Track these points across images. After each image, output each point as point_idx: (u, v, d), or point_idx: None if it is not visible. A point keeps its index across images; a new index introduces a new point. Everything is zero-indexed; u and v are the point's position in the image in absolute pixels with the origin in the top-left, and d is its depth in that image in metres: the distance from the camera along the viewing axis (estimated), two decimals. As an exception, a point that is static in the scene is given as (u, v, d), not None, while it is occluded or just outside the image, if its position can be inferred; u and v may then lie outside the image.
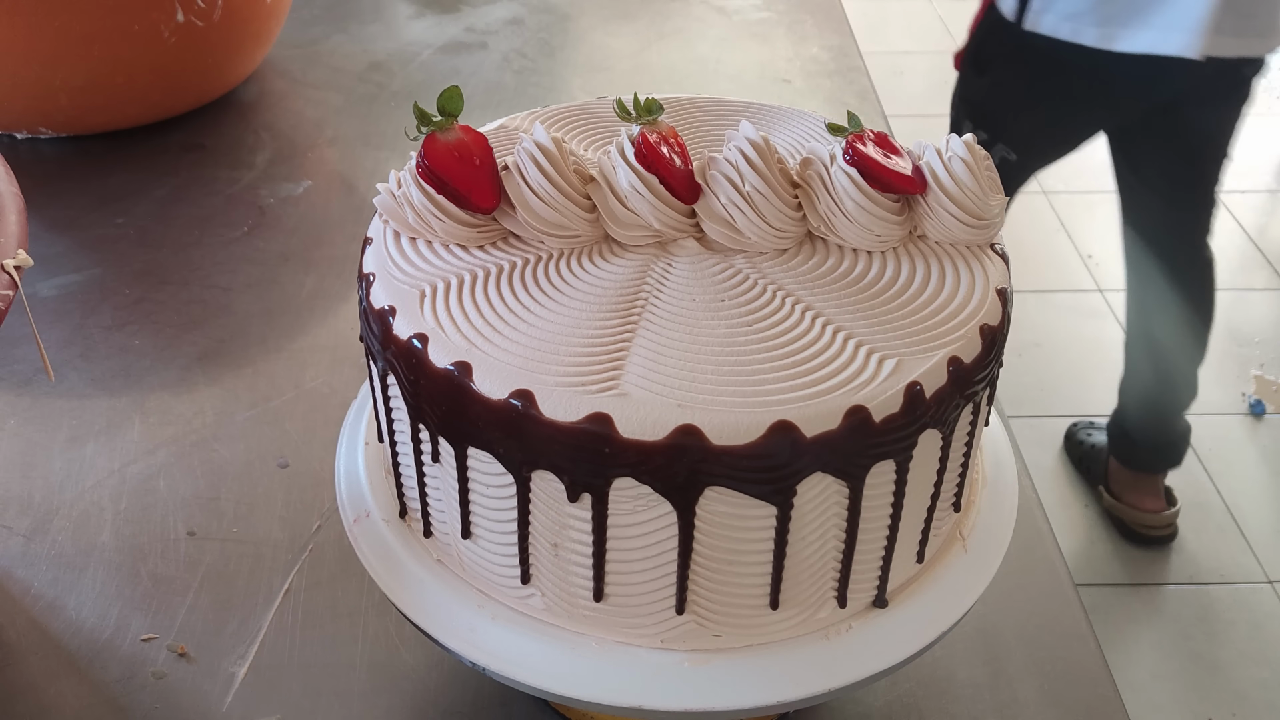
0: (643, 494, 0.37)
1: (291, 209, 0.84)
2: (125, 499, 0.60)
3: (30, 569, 0.56)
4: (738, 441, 0.36)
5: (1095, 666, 0.53)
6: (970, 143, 0.43)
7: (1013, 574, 0.56)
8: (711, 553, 0.39)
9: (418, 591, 0.43)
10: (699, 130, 0.51)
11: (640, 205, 0.42)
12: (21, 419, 0.65)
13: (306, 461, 0.62)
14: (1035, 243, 2.13)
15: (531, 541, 0.40)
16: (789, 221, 0.42)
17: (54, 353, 0.70)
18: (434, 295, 0.40)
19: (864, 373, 0.37)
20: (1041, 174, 1.43)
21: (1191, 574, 1.51)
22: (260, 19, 0.94)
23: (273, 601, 0.55)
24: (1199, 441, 1.70)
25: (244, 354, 0.70)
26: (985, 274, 0.42)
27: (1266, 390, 1.80)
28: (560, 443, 0.37)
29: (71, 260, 0.78)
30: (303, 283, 0.76)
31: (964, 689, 0.52)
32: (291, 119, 0.96)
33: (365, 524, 0.46)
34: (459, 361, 0.38)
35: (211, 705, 0.50)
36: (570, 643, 0.41)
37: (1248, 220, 2.20)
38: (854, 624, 0.42)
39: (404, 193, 0.43)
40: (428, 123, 0.42)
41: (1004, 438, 0.50)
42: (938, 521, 0.43)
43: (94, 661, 0.52)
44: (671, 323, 0.39)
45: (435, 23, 1.12)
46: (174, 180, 0.87)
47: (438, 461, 0.41)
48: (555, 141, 0.42)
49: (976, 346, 0.39)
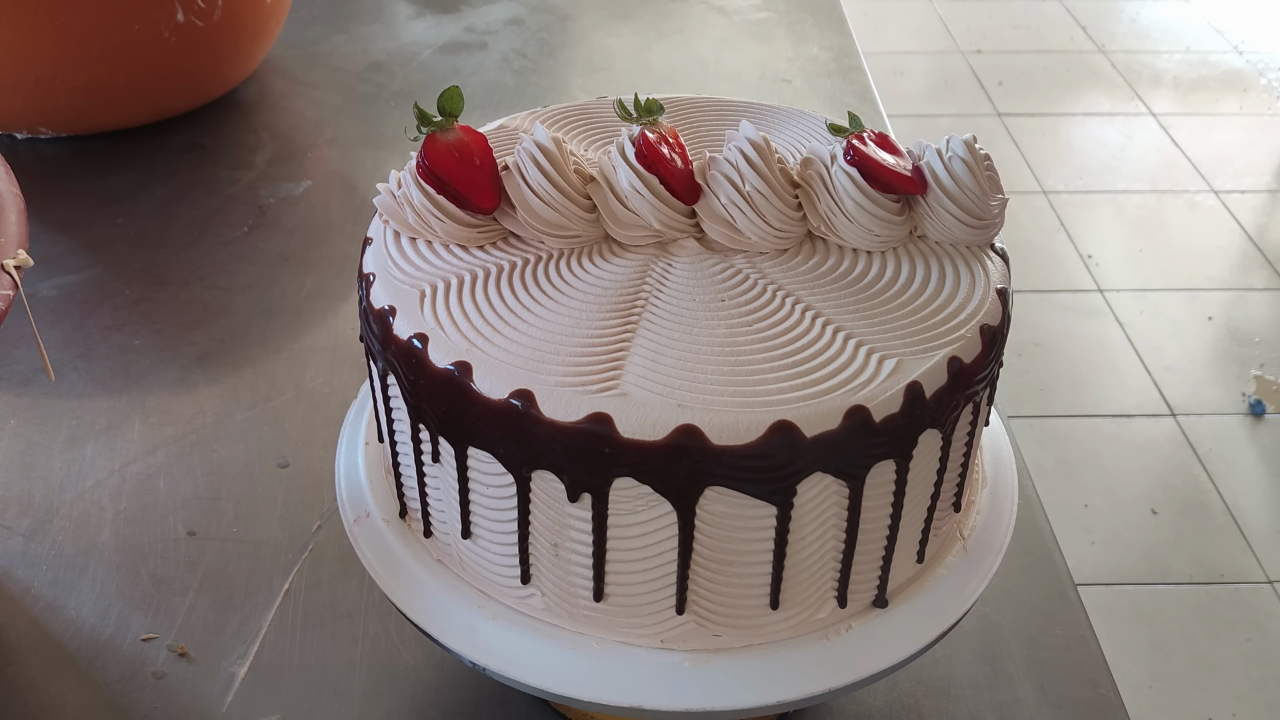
0: (643, 494, 0.37)
1: (291, 209, 0.84)
2: (125, 499, 0.60)
3: (30, 569, 0.56)
4: (738, 441, 0.36)
5: (1095, 666, 0.53)
6: (970, 143, 0.43)
7: (1013, 574, 0.56)
8: (711, 553, 0.39)
9: (418, 591, 0.43)
10: (699, 130, 0.51)
11: (640, 205, 0.42)
12: (21, 419, 0.65)
13: (306, 461, 0.62)
14: (1035, 243, 2.13)
15: (531, 541, 0.40)
16: (789, 221, 0.42)
17: (54, 353, 0.70)
18: (434, 295, 0.40)
19: (864, 373, 0.37)
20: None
21: (1191, 574, 1.51)
22: (260, 19, 0.94)
23: (273, 601, 0.55)
24: (1199, 441, 1.70)
25: (244, 354, 0.70)
26: (985, 274, 0.42)
27: (1266, 390, 1.80)
28: (560, 443, 0.37)
29: (71, 260, 0.78)
30: (303, 283, 0.76)
31: (964, 689, 0.52)
32: (291, 119, 0.96)
33: (365, 524, 0.46)
34: (459, 361, 0.38)
35: (211, 705, 0.50)
36: (570, 643, 0.41)
37: (1248, 220, 2.20)
38: (854, 624, 0.42)
39: (404, 193, 0.43)
40: (428, 123, 0.42)
41: (1004, 438, 0.50)
42: (938, 521, 0.43)
43: (94, 661, 0.52)
44: (671, 323, 0.39)
45: (435, 23, 1.12)
46: (174, 180, 0.87)
47: (438, 461, 0.41)
48: (555, 141, 0.42)
49: (977, 346, 0.39)
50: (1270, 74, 2.74)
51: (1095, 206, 2.24)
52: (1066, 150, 2.44)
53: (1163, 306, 1.97)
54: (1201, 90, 2.67)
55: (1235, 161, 2.39)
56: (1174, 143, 2.45)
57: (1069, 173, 2.35)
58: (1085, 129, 2.52)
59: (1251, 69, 2.76)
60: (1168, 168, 2.37)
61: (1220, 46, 2.86)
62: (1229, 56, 2.82)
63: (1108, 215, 2.23)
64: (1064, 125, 2.53)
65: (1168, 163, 2.38)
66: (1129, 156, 2.41)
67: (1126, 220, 2.21)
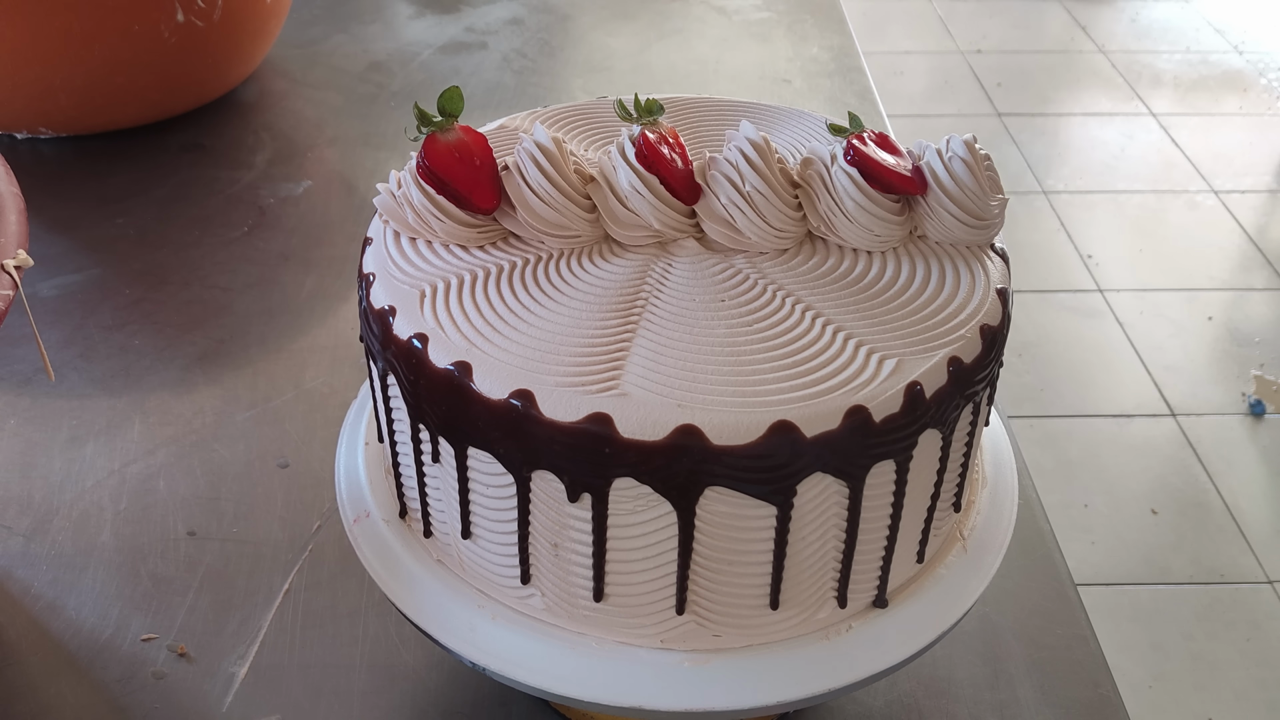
0: (643, 494, 0.37)
1: (291, 209, 0.84)
2: (125, 499, 0.60)
3: (30, 569, 0.56)
4: (738, 441, 0.36)
5: (1095, 666, 0.53)
6: (970, 143, 0.43)
7: (1013, 574, 0.56)
8: (711, 553, 0.39)
9: (418, 591, 0.43)
10: (699, 130, 0.51)
11: (640, 205, 0.42)
12: (21, 419, 0.65)
13: (306, 461, 0.62)
14: (1035, 243, 2.13)
15: (531, 541, 0.40)
16: (789, 221, 0.42)
17: (54, 353, 0.70)
18: (434, 295, 0.40)
19: (864, 373, 0.37)
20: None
21: (1191, 574, 1.51)
22: (260, 19, 0.94)
23: (273, 601, 0.55)
24: (1199, 441, 1.70)
25: (244, 354, 0.70)
26: (985, 274, 0.42)
27: (1266, 390, 1.80)
28: (560, 443, 0.37)
29: (71, 260, 0.78)
30: (303, 283, 0.76)
31: (964, 689, 0.52)
32: (291, 119, 0.96)
33: (365, 524, 0.46)
34: (459, 361, 0.38)
35: (211, 705, 0.50)
36: (570, 643, 0.41)
37: (1248, 220, 2.20)
38: (854, 624, 0.42)
39: (404, 193, 0.43)
40: (428, 123, 0.42)
41: (1004, 438, 0.50)
42: (938, 521, 0.43)
43: (94, 661, 0.52)
44: (671, 323, 0.39)
45: (435, 23, 1.12)
46: (174, 180, 0.87)
47: (438, 461, 0.41)
48: (555, 141, 0.42)
49: (977, 346, 0.39)
50: (1270, 74, 2.74)
51: (1095, 206, 2.24)
52: (1066, 150, 2.44)
53: (1163, 306, 1.97)
54: (1201, 90, 2.67)
55: (1235, 161, 2.39)
56: (1174, 143, 2.45)
57: (1069, 173, 2.35)
58: (1085, 129, 2.52)
59: (1251, 69, 2.76)
60: (1168, 168, 2.37)
61: (1220, 46, 2.86)
62: (1229, 56, 2.82)
63: (1108, 215, 2.23)
64: (1064, 125, 2.53)
65: (1168, 163, 2.39)
66: (1129, 156, 2.41)
67: (1126, 220, 2.22)
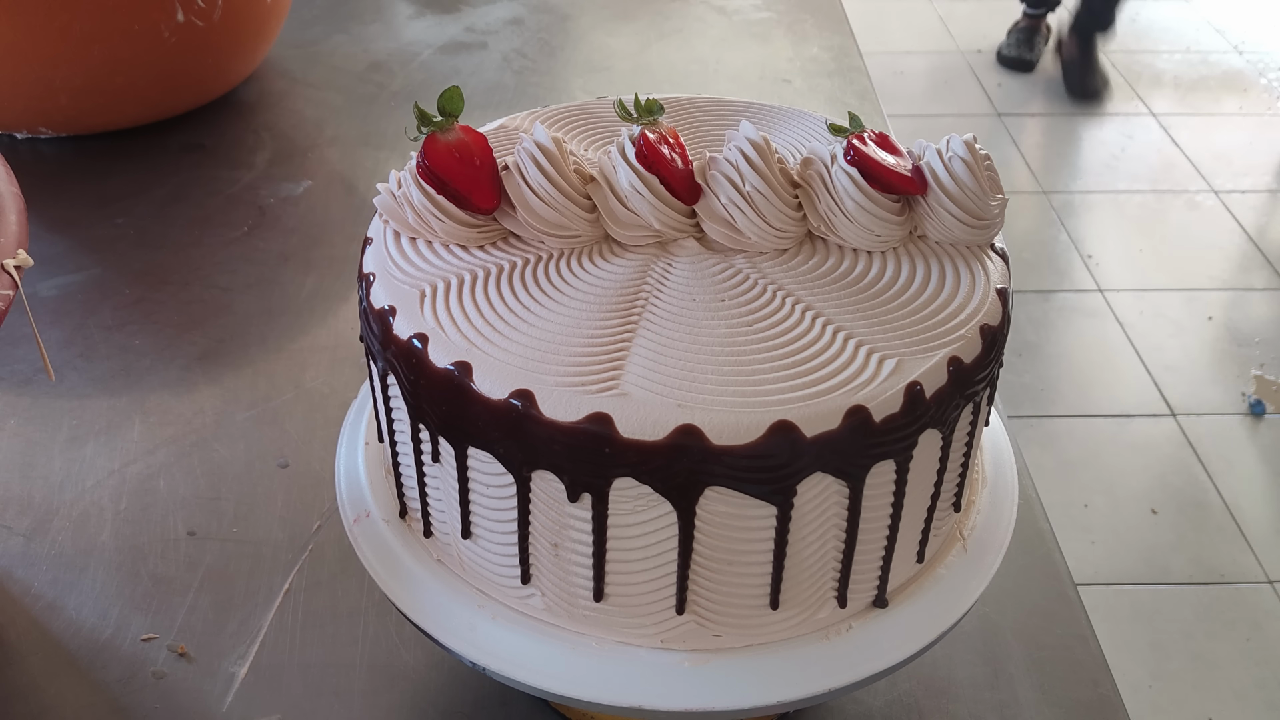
0: (643, 494, 0.37)
1: (291, 209, 0.84)
2: (125, 499, 0.60)
3: (30, 569, 0.56)
4: (738, 441, 0.36)
5: (1095, 666, 0.53)
6: (970, 143, 0.43)
7: (1013, 574, 0.56)
8: (711, 553, 0.39)
9: (418, 591, 0.43)
10: (699, 130, 0.51)
11: (640, 205, 0.42)
12: (21, 419, 0.65)
13: (306, 461, 0.62)
14: (1035, 243, 2.13)
15: (531, 541, 0.40)
16: (789, 221, 0.42)
17: (54, 353, 0.70)
18: (434, 295, 0.40)
19: (864, 373, 0.37)
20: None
21: (1191, 574, 1.51)
22: (260, 19, 0.94)
23: (273, 601, 0.55)
24: (1199, 441, 1.70)
25: (244, 354, 0.70)
26: (985, 274, 0.42)
27: (1266, 390, 1.80)
28: (560, 443, 0.37)
29: (71, 260, 0.78)
30: (303, 283, 0.76)
31: (964, 689, 0.52)
32: (291, 119, 0.96)
33: (365, 524, 0.46)
34: (459, 361, 0.38)
35: (211, 705, 0.50)
36: (570, 643, 0.41)
37: (1248, 220, 2.20)
38: (854, 624, 0.42)
39: (404, 193, 0.43)
40: (428, 123, 0.42)
41: (1004, 438, 0.50)
42: (938, 521, 0.43)
43: (94, 661, 0.52)
44: (671, 323, 0.39)
45: (435, 23, 1.12)
46: (174, 180, 0.87)
47: (438, 461, 0.41)
48: (555, 141, 0.42)
49: (977, 346, 0.39)
50: (1270, 74, 2.74)
51: (1095, 206, 2.24)
52: (1066, 150, 2.44)
53: (1163, 306, 1.97)
54: (1201, 90, 2.67)
55: (1235, 161, 2.39)
56: (1174, 143, 2.45)
57: (1069, 173, 2.35)
58: (1085, 129, 2.52)
59: (1251, 69, 2.76)
60: (1168, 168, 2.37)
61: (1220, 46, 2.86)
62: (1229, 56, 2.82)
63: (1108, 215, 2.23)
64: (1063, 125, 2.53)
65: (1168, 163, 2.39)
66: (1129, 156, 2.41)
67: (1126, 220, 2.22)
